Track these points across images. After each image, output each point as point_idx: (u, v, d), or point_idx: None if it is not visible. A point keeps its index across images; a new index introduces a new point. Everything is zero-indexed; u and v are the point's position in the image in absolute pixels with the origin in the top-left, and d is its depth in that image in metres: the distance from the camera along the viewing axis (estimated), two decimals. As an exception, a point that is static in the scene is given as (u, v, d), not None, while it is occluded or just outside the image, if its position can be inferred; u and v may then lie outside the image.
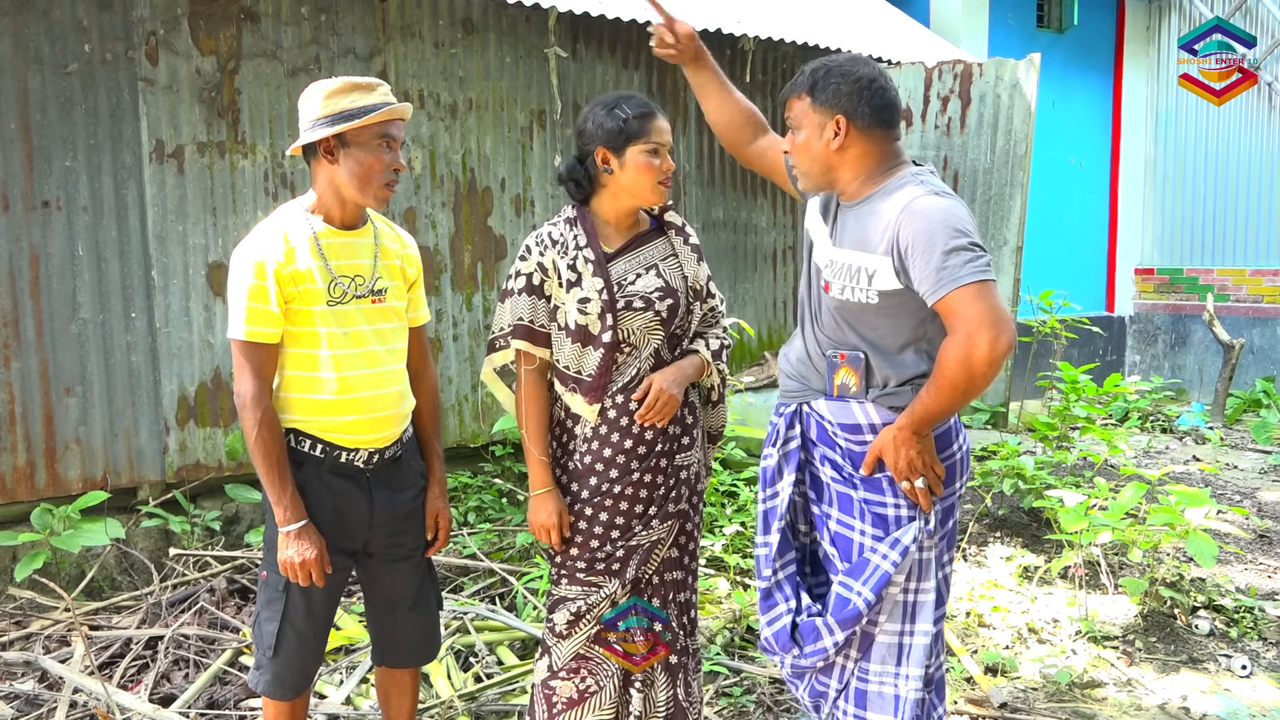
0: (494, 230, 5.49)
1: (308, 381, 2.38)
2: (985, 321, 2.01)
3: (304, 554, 2.33)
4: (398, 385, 2.50)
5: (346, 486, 2.43)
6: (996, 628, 3.97)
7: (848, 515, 2.33)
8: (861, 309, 2.23)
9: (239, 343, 2.32)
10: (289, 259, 2.32)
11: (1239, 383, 8.52)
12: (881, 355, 2.25)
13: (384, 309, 2.46)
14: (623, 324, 2.45)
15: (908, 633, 2.31)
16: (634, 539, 2.51)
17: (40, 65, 4.18)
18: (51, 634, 3.72)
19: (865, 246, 2.21)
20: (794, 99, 2.30)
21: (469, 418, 5.43)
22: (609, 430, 2.48)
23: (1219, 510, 4.41)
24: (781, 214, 6.81)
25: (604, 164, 2.47)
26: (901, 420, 2.19)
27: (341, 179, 2.34)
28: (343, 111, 2.29)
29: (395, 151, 2.37)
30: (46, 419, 4.27)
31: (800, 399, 2.40)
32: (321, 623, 2.50)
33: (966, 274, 2.04)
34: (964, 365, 2.04)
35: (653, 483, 2.51)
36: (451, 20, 5.26)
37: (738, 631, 3.80)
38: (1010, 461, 4.94)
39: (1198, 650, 3.83)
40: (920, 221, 2.11)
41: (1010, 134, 6.09)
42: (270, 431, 2.32)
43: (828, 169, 2.28)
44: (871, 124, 2.23)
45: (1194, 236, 9.55)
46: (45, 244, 4.23)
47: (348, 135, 2.30)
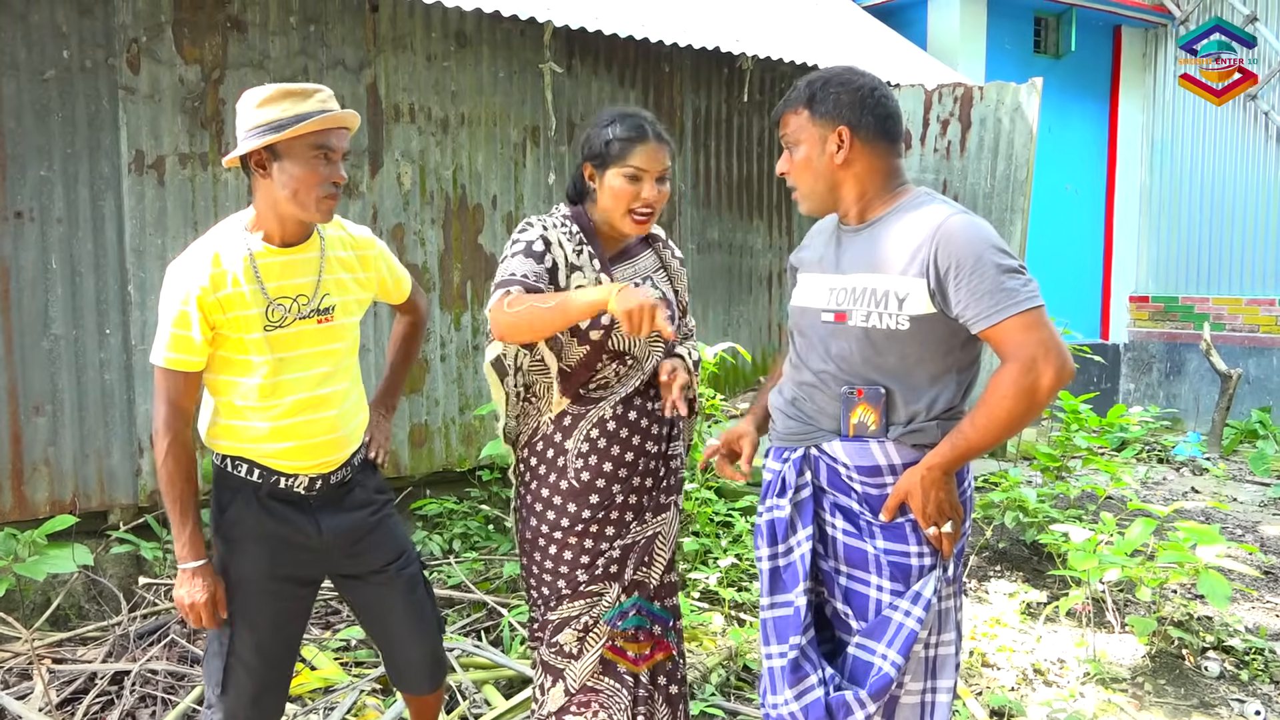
0: (485, 249, 5.35)
1: (241, 410, 2.23)
2: (1051, 350, 1.91)
3: (194, 595, 2.20)
4: (341, 407, 2.33)
5: (287, 511, 2.29)
6: (1001, 668, 3.82)
7: (861, 570, 2.15)
8: (890, 336, 2.06)
9: (158, 369, 2.18)
10: (216, 284, 2.14)
11: (1233, 413, 8.43)
12: (908, 388, 2.08)
13: (330, 329, 2.30)
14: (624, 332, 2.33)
15: (929, 690, 2.15)
16: (629, 536, 2.43)
17: (16, 71, 4.02)
18: (12, 667, 3.53)
19: (884, 269, 2.06)
20: (790, 114, 2.17)
21: (456, 441, 5.27)
22: (609, 443, 2.39)
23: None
24: (777, 236, 6.70)
25: (589, 180, 2.40)
26: (932, 459, 2.03)
27: (276, 194, 2.16)
28: (273, 122, 2.10)
29: (335, 164, 2.17)
30: (14, 439, 4.09)
31: (807, 441, 2.20)
32: (278, 657, 2.35)
33: (1024, 299, 1.93)
34: (1027, 395, 1.92)
35: (641, 485, 2.44)
36: (444, 33, 5.14)
37: (733, 670, 3.65)
38: (1011, 494, 4.81)
39: (1209, 694, 3.69)
40: (960, 241, 1.98)
41: (1011, 158, 6.00)
42: (177, 463, 2.18)
43: (831, 186, 2.14)
44: (875, 136, 2.11)
45: (1189, 264, 9.49)
46: (17, 256, 4.07)
47: (279, 147, 2.11)
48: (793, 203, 7.31)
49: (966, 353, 2.08)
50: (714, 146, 6.34)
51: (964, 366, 2.10)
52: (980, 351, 2.14)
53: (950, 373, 2.09)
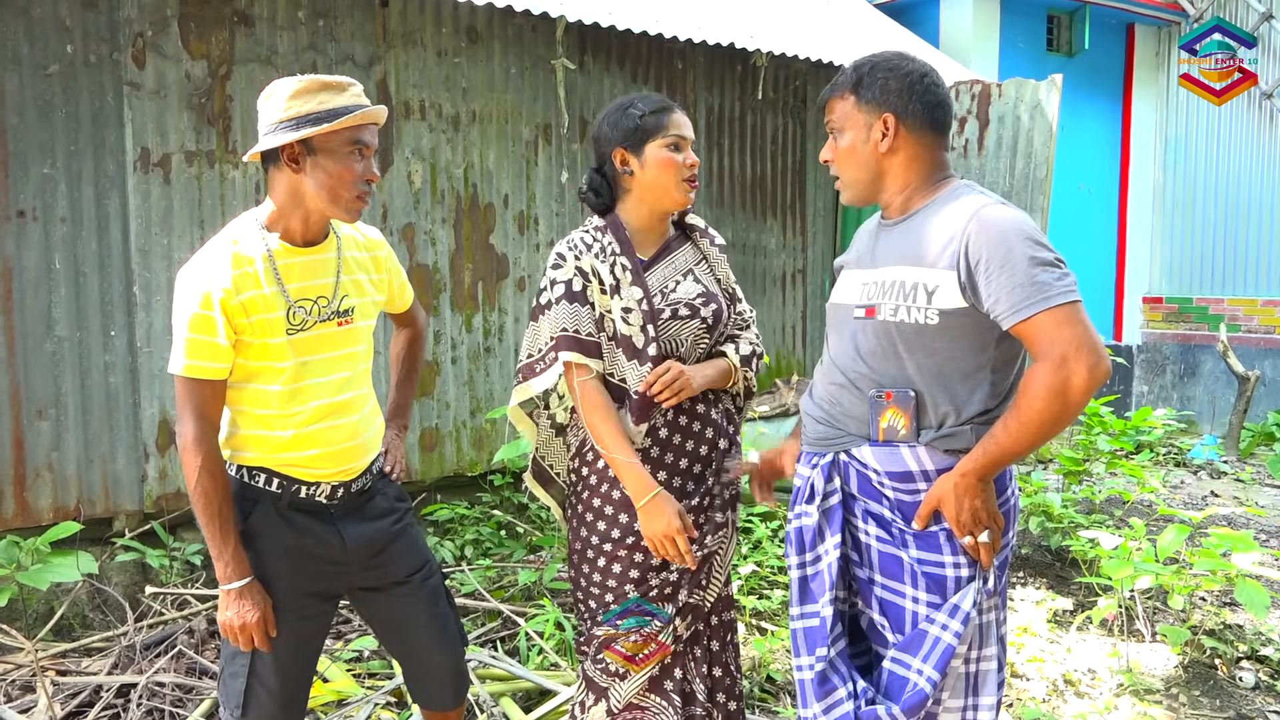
0: (496, 248, 5.25)
1: (264, 419, 2.13)
2: (1084, 346, 1.79)
3: (244, 616, 2.07)
4: (361, 412, 2.26)
5: (309, 522, 2.19)
6: (1031, 679, 3.72)
7: (896, 580, 2.05)
8: (919, 331, 1.96)
9: (179, 379, 2.04)
10: (240, 286, 2.04)
11: (1250, 415, 8.32)
12: (939, 388, 1.98)
13: (350, 331, 2.21)
14: (670, 334, 2.28)
15: (971, 707, 2.05)
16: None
17: (18, 66, 3.92)
18: (15, 679, 3.42)
19: (919, 261, 1.96)
20: (836, 100, 2.07)
21: (467, 445, 5.17)
22: (662, 452, 2.31)
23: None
24: (792, 236, 6.59)
25: (623, 165, 2.31)
26: (965, 465, 1.92)
27: (308, 190, 2.07)
28: (309, 114, 2.01)
29: (368, 160, 2.09)
30: (16, 444, 3.98)
31: (836, 447, 2.11)
32: (299, 675, 2.25)
33: (1058, 293, 1.82)
34: (1059, 396, 1.80)
35: (695, 493, 2.36)
36: (455, 28, 5.03)
37: (756, 681, 3.55)
38: (1036, 499, 4.71)
39: (1245, 706, 3.59)
40: (992, 232, 1.87)
41: (1030, 156, 5.90)
42: (212, 480, 2.05)
43: (876, 175, 2.06)
44: (923, 124, 2.02)
45: (1204, 265, 9.38)
46: (19, 256, 3.96)
47: (315, 141, 2.03)
48: (807, 202, 7.14)
49: (1001, 351, 1.97)
50: (727, 145, 6.23)
51: (998, 366, 1.99)
52: (1019, 351, 2.03)
53: (983, 372, 1.98)
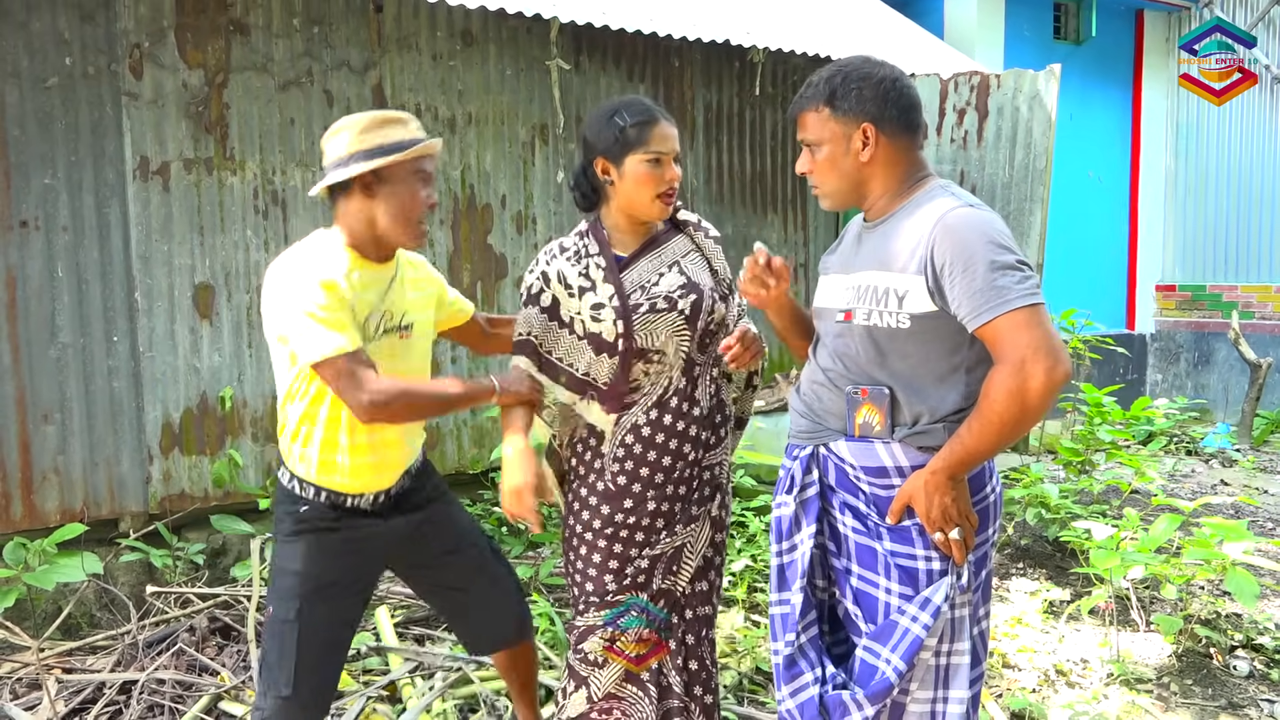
0: (494, 249, 5.30)
1: (333, 443, 2.28)
2: (1040, 349, 1.82)
3: (520, 387, 2.35)
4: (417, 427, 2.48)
5: (354, 520, 2.36)
6: (1023, 669, 3.73)
7: (871, 571, 2.10)
8: (891, 335, 2.00)
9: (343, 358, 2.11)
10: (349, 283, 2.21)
11: (1264, 403, 8.26)
12: (912, 389, 2.02)
13: (410, 344, 2.38)
14: (645, 328, 2.33)
15: (940, 699, 2.09)
16: (658, 546, 2.40)
17: (18, 79, 4.01)
18: (21, 677, 3.52)
19: (889, 265, 2.00)
20: (809, 112, 2.09)
21: (468, 443, 5.23)
22: (644, 449, 2.37)
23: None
24: (792, 231, 6.61)
25: (604, 175, 2.36)
26: (935, 463, 1.97)
27: (378, 216, 2.24)
28: (380, 146, 2.20)
29: (430, 187, 2.30)
30: (23, 448, 4.08)
31: (816, 440, 2.16)
32: (339, 652, 2.42)
33: (1017, 297, 1.85)
34: (1017, 398, 1.84)
35: (675, 494, 2.41)
36: (450, 32, 5.09)
37: (745, 672, 3.59)
38: (1033, 489, 4.71)
39: (1237, 694, 3.59)
40: (957, 236, 1.91)
41: (1030, 147, 5.88)
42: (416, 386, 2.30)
43: (858, 183, 2.09)
44: (899, 129, 2.05)
45: (1216, 252, 9.30)
46: (23, 265, 4.06)
47: (384, 171, 2.21)
48: (807, 197, 7.14)
49: (975, 351, 2.00)
50: (726, 141, 6.26)
51: (973, 365, 2.02)
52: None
53: (958, 372, 2.02)
